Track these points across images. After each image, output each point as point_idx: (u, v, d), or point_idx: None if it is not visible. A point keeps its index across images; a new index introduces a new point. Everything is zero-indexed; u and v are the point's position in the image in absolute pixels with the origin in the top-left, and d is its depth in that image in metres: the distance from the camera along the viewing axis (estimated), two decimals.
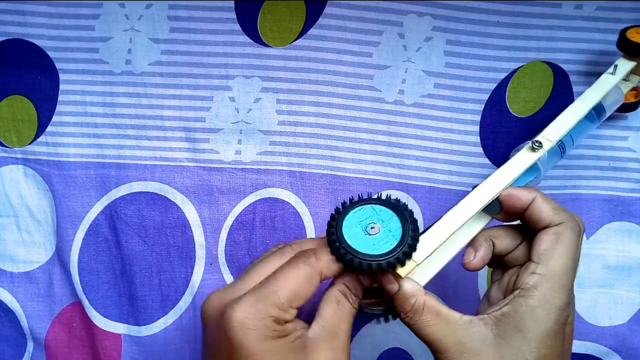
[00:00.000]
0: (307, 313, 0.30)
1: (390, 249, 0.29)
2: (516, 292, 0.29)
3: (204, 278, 0.43)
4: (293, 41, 0.41)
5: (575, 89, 0.41)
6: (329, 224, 0.30)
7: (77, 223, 0.43)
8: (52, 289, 0.43)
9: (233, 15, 0.41)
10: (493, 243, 0.32)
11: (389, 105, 0.42)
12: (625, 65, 0.38)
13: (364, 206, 0.31)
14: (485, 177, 0.42)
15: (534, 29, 0.41)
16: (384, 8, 0.40)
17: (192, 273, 0.43)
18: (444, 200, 0.42)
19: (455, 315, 0.29)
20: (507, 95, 0.42)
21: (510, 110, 0.42)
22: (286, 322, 0.28)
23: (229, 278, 0.43)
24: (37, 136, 0.42)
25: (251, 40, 0.41)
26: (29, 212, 0.43)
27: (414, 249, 0.29)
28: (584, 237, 0.43)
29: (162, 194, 0.43)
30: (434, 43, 0.41)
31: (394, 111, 0.42)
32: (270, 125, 0.42)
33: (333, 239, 0.29)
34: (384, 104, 0.42)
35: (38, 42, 0.41)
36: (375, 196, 0.31)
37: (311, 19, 0.41)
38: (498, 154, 0.42)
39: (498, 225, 0.33)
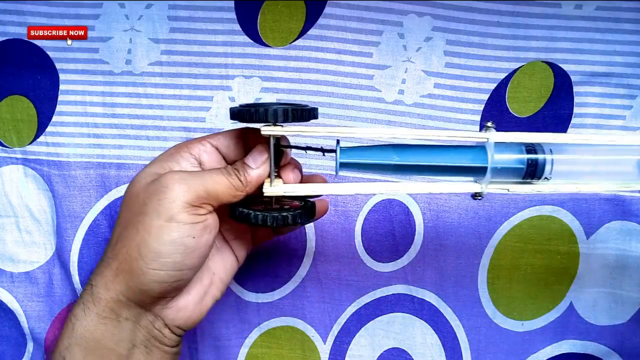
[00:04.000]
0: None
1: None
2: None
3: None
4: (293, 41, 0.41)
5: (575, 89, 0.41)
6: None
7: (77, 223, 0.43)
8: (52, 289, 0.43)
9: (233, 15, 0.41)
10: None
11: (389, 105, 0.42)
12: None
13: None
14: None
15: (534, 29, 0.41)
16: (384, 8, 0.40)
17: None
18: (444, 200, 0.42)
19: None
20: (507, 95, 0.42)
21: (510, 110, 0.42)
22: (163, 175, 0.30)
23: None
24: (37, 136, 0.42)
25: (251, 40, 0.41)
26: (29, 212, 0.43)
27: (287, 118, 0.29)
28: (584, 237, 0.43)
29: None
30: (434, 43, 0.41)
31: (394, 111, 0.42)
32: None
33: None
34: (384, 104, 0.42)
35: (38, 42, 0.41)
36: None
37: (311, 19, 0.41)
38: None
39: None
